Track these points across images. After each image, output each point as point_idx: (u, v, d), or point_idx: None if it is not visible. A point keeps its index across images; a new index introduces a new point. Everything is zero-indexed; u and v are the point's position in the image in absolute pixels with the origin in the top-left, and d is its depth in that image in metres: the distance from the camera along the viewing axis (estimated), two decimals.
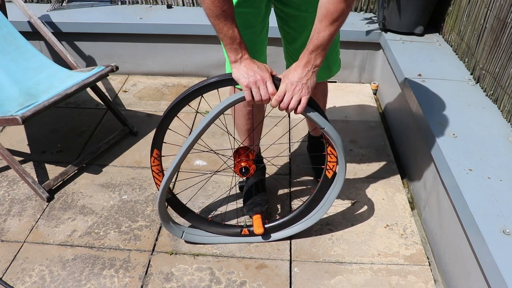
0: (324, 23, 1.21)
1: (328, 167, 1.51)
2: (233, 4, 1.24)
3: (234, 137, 1.71)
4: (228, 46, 1.26)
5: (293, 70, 1.28)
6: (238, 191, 1.88)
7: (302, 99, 1.28)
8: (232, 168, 1.58)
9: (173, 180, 1.93)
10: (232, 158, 1.59)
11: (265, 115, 1.76)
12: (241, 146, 1.60)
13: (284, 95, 1.28)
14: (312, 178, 1.97)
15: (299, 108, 1.29)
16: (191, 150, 1.43)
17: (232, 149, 1.62)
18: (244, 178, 1.75)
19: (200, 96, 1.47)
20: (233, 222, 1.75)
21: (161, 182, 1.49)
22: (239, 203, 1.83)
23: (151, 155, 1.45)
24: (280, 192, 1.91)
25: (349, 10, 1.20)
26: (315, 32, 1.24)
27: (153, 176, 1.51)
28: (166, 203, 1.55)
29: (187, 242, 1.67)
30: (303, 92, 1.27)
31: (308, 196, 1.60)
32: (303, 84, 1.27)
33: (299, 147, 2.17)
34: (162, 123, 1.41)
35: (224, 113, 1.37)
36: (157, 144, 1.43)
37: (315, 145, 1.99)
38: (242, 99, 1.31)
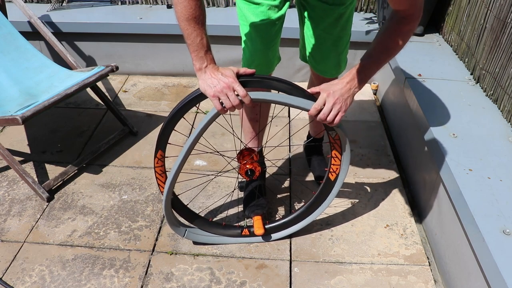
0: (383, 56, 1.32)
1: (331, 170, 1.51)
2: (205, 12, 1.21)
3: (240, 139, 1.70)
4: (194, 53, 1.25)
5: (335, 84, 1.30)
6: (238, 191, 1.88)
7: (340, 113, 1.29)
8: (237, 170, 1.57)
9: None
10: (236, 160, 1.58)
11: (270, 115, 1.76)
12: (245, 148, 1.59)
13: (323, 105, 1.27)
14: (312, 178, 1.97)
15: (336, 120, 1.29)
16: (192, 151, 1.42)
17: (236, 150, 1.61)
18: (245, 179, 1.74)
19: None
20: (233, 222, 1.75)
21: (164, 183, 1.48)
22: (240, 203, 1.83)
23: (155, 156, 1.43)
24: (280, 192, 1.91)
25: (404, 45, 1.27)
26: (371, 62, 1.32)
27: (156, 178, 1.48)
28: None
29: (194, 243, 1.66)
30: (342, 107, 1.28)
31: (308, 196, 1.60)
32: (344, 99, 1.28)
33: (299, 147, 2.17)
34: (168, 124, 1.38)
35: (231, 113, 1.34)
36: (162, 145, 1.41)
37: (314, 146, 1.99)
38: (218, 114, 1.29)
